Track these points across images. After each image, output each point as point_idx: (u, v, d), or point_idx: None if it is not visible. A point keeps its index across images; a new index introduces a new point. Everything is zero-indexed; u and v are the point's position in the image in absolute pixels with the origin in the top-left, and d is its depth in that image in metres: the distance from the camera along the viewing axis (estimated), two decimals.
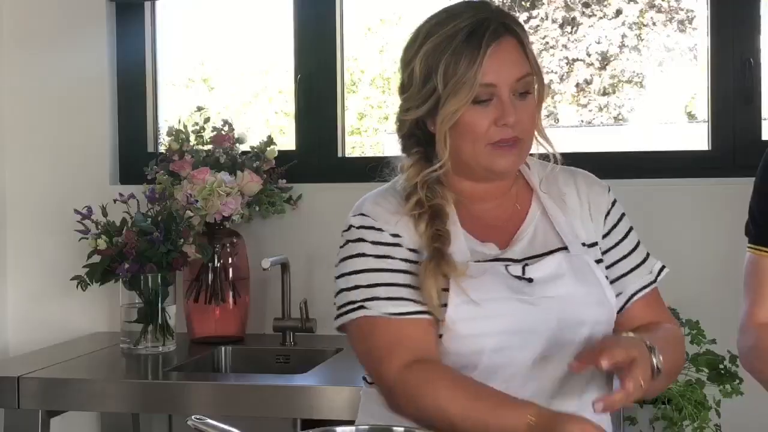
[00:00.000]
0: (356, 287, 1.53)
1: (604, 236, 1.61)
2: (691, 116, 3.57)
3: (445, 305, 1.48)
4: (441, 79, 1.49)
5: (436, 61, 1.50)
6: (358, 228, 1.56)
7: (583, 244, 1.58)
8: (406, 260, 1.54)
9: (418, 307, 1.51)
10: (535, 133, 1.57)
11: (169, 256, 2.52)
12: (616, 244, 1.62)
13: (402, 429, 1.35)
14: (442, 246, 1.50)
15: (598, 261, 1.58)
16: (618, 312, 1.60)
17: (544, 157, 1.62)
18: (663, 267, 1.66)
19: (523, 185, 1.63)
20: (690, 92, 3.54)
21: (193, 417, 1.48)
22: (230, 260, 2.73)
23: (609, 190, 1.65)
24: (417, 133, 1.58)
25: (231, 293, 2.71)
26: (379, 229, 1.55)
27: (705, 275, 2.57)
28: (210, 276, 2.70)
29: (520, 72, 1.51)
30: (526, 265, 1.53)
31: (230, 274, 2.72)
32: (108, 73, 2.99)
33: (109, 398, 2.31)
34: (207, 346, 2.65)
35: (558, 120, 3.78)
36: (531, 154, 1.62)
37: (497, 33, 1.50)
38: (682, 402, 2.18)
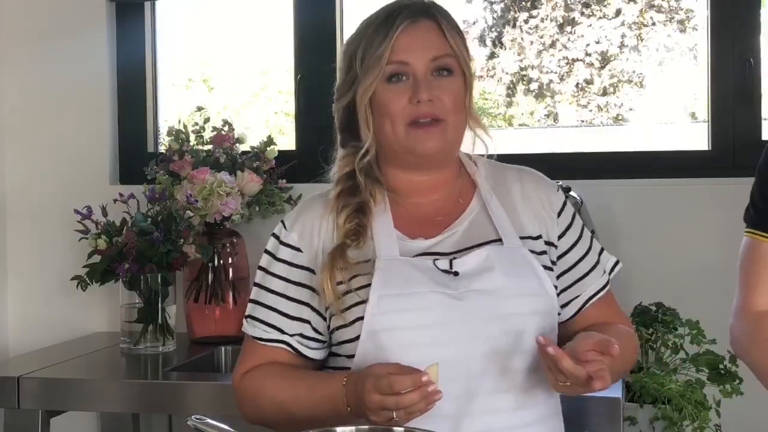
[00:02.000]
0: (251, 300, 1.62)
1: (560, 237, 1.59)
2: (693, 116, 3.57)
3: (364, 302, 1.47)
4: (359, 62, 1.52)
5: (355, 48, 1.54)
6: (271, 236, 1.61)
7: (526, 237, 1.55)
8: (286, 280, 1.56)
9: (278, 336, 1.56)
10: (470, 122, 1.56)
11: (169, 256, 2.52)
12: (573, 246, 1.60)
13: (402, 429, 1.34)
14: (352, 243, 1.51)
15: (542, 252, 1.55)
16: (573, 315, 1.60)
17: (491, 157, 1.63)
18: (617, 262, 1.66)
19: (468, 181, 1.62)
20: (690, 92, 3.54)
21: (193, 417, 1.49)
22: (230, 260, 2.73)
23: (558, 189, 1.63)
24: (351, 127, 1.60)
25: (231, 293, 2.71)
26: (283, 242, 1.58)
27: (705, 275, 2.56)
28: (210, 276, 2.70)
29: (436, 52, 1.52)
30: (454, 258, 1.51)
31: (230, 274, 2.72)
32: (108, 73, 2.98)
33: (109, 398, 2.31)
34: (207, 346, 2.65)
35: (558, 120, 3.78)
36: (478, 155, 1.62)
37: (413, 14, 1.51)
38: (682, 402, 2.17)
